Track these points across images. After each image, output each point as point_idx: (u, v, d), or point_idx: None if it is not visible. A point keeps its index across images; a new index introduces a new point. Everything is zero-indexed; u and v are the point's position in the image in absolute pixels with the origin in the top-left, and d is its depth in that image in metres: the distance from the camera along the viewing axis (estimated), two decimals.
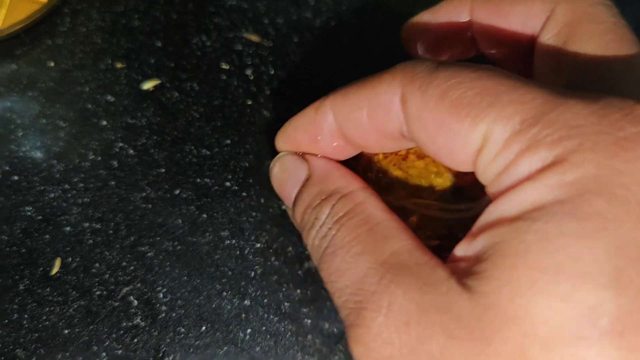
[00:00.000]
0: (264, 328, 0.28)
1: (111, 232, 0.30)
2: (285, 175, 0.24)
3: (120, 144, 0.32)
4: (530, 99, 0.16)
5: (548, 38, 0.22)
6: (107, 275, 0.29)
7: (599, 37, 0.20)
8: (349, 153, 0.24)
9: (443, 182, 0.28)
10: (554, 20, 0.22)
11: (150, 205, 0.31)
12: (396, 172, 0.28)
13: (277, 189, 0.25)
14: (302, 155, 0.24)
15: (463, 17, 0.25)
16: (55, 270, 0.29)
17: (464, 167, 0.19)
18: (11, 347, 0.27)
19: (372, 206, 0.21)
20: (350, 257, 0.20)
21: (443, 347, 0.16)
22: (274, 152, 0.32)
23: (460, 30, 0.26)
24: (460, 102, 0.17)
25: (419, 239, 0.21)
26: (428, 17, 0.27)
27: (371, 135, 0.21)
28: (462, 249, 0.18)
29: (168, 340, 0.27)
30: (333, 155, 0.24)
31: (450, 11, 0.26)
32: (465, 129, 0.17)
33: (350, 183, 0.22)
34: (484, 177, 0.18)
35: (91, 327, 0.27)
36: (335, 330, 0.28)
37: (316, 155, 0.24)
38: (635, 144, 0.15)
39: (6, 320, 0.27)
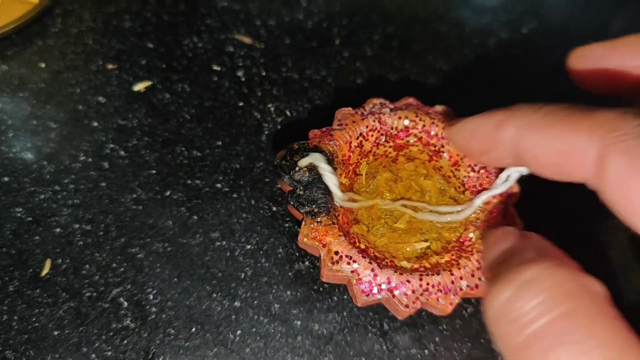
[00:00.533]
0: (253, 329, 0.28)
1: (101, 233, 0.30)
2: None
3: (111, 145, 0.32)
4: None
5: None
6: (97, 277, 0.29)
7: None
8: (511, 165, 0.24)
9: (432, 184, 0.29)
10: None
11: (140, 207, 0.31)
12: (386, 174, 0.29)
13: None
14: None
15: (638, 63, 0.23)
16: (45, 271, 0.29)
17: None
18: (0, 348, 0.27)
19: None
20: None
21: None
22: (265, 154, 0.32)
23: (634, 73, 0.24)
24: None
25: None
26: (604, 47, 0.24)
27: (551, 170, 0.21)
28: None
29: (158, 341, 0.27)
30: (498, 165, 0.25)
31: (626, 50, 0.24)
32: None
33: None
34: None
35: (81, 328, 0.27)
36: (325, 331, 0.28)
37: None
38: None
39: None
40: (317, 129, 0.28)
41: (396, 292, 0.25)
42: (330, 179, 0.27)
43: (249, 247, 0.30)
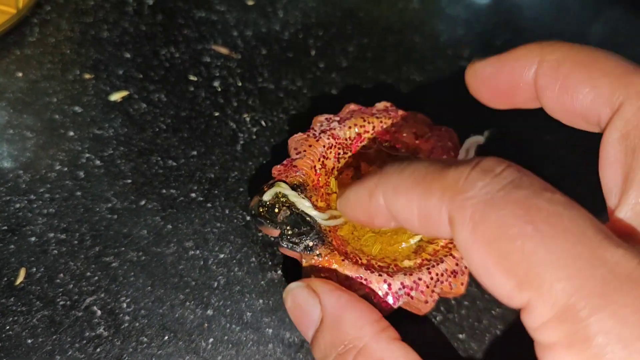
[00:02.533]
0: (226, 337, 0.28)
1: (76, 242, 0.30)
2: (298, 313, 0.24)
3: (87, 155, 0.33)
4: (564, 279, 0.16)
5: (615, 138, 0.20)
6: (71, 286, 0.29)
7: None
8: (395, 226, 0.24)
9: None
10: (622, 117, 0.20)
11: (115, 216, 0.31)
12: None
13: (293, 321, 0.25)
14: (314, 289, 0.24)
15: (527, 78, 0.24)
16: (19, 280, 0.29)
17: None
18: None
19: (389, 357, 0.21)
20: None
21: None
22: (240, 164, 0.33)
23: (525, 86, 0.24)
24: (508, 264, 0.17)
25: None
26: (495, 64, 0.25)
27: (425, 231, 0.21)
28: None
29: (131, 349, 0.28)
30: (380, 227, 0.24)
31: (514, 68, 0.24)
32: (509, 291, 0.17)
33: (365, 330, 0.22)
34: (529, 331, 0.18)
35: (54, 336, 0.28)
36: (296, 339, 0.29)
37: (329, 284, 0.24)
38: None
39: None
40: (279, 164, 0.28)
41: (413, 293, 0.26)
42: (302, 203, 0.27)
43: (222, 256, 0.30)
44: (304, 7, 0.40)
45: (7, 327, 0.28)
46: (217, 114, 0.35)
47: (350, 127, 0.30)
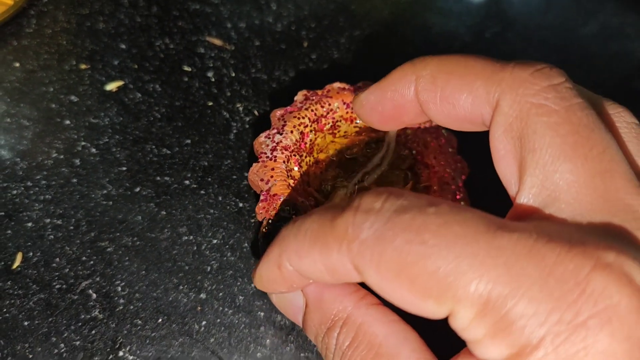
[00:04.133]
0: (218, 320, 0.29)
1: (72, 227, 0.31)
2: (284, 304, 0.25)
3: (83, 143, 0.33)
4: (487, 289, 0.16)
5: (500, 133, 0.21)
6: (67, 270, 0.29)
7: (552, 134, 0.20)
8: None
9: (357, 149, 0.31)
10: (501, 113, 0.21)
11: (111, 202, 0.32)
12: (331, 172, 0.31)
13: (283, 313, 0.26)
14: None
15: (409, 96, 0.25)
16: (16, 264, 0.29)
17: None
18: None
19: (372, 323, 0.21)
20: None
21: None
22: (233, 152, 0.33)
23: (409, 105, 0.25)
24: (419, 286, 0.17)
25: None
26: (376, 92, 0.26)
27: (338, 281, 0.21)
28: None
29: (125, 331, 0.28)
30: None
31: (395, 90, 0.25)
32: (433, 310, 0.17)
33: (345, 302, 0.22)
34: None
35: (50, 319, 0.28)
36: (287, 322, 0.29)
37: None
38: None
39: None
40: (259, 202, 0.28)
41: None
42: None
43: (215, 241, 0.31)
44: (297, 0, 0.41)
45: (4, 310, 0.28)
46: (210, 103, 0.36)
47: (292, 132, 0.30)
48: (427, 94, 0.24)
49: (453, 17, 0.42)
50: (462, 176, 0.30)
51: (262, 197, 0.28)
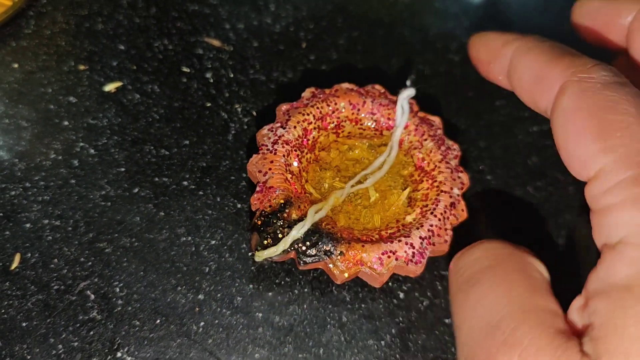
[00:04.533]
0: (216, 321, 0.29)
1: (70, 228, 0.31)
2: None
3: (81, 144, 0.33)
4: None
5: None
6: (65, 271, 0.29)
7: None
8: (505, 86, 0.28)
9: (359, 150, 0.32)
10: None
11: (109, 203, 0.32)
12: (328, 173, 0.30)
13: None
14: None
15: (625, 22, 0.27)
16: (14, 265, 0.29)
17: (576, 174, 0.21)
18: None
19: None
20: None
21: None
22: (231, 153, 0.33)
23: (619, 29, 0.27)
24: (605, 126, 0.19)
25: None
26: (599, 6, 0.29)
27: (525, 93, 0.25)
28: (577, 314, 0.19)
29: (123, 332, 0.28)
30: (492, 80, 0.29)
31: (619, 11, 0.27)
32: (594, 151, 0.19)
33: None
34: (589, 201, 0.20)
35: (48, 320, 0.28)
36: (285, 323, 0.29)
37: None
38: None
39: None
40: (255, 193, 0.28)
41: (433, 240, 0.28)
42: (298, 229, 0.27)
43: (213, 242, 0.31)
44: (295, 1, 0.41)
45: (2, 311, 0.28)
46: (209, 104, 0.36)
47: (295, 127, 0.30)
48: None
49: (451, 18, 0.42)
50: (461, 186, 0.30)
51: (257, 189, 0.28)
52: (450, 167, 0.31)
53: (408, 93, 0.31)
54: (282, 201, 0.27)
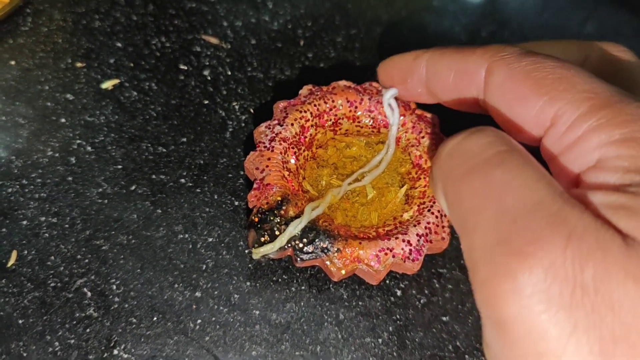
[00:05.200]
0: (213, 318, 0.29)
1: (67, 226, 0.31)
2: None
3: (79, 141, 0.33)
4: (600, 91, 0.20)
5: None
6: (62, 268, 0.29)
7: None
8: (425, 100, 0.29)
9: (356, 148, 0.32)
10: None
11: (106, 201, 0.32)
12: (325, 170, 0.30)
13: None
14: None
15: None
16: (11, 262, 0.29)
17: (527, 138, 0.23)
18: None
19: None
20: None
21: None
22: (229, 151, 0.33)
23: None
24: (541, 82, 0.21)
25: None
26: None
27: (450, 93, 0.26)
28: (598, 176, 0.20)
29: (120, 330, 0.28)
30: (411, 98, 0.30)
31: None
32: (541, 104, 0.21)
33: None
34: (551, 148, 0.22)
35: (45, 317, 0.28)
36: (282, 320, 0.29)
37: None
38: None
39: None
40: (252, 190, 0.28)
41: (430, 237, 0.28)
42: (295, 225, 0.27)
43: (210, 239, 0.31)
44: None
45: None
46: (206, 102, 0.36)
47: (292, 124, 0.30)
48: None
49: (449, 16, 0.42)
50: None
51: (255, 186, 0.28)
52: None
53: (391, 93, 0.31)
54: (279, 198, 0.27)
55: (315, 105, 0.31)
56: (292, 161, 0.29)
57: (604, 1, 0.45)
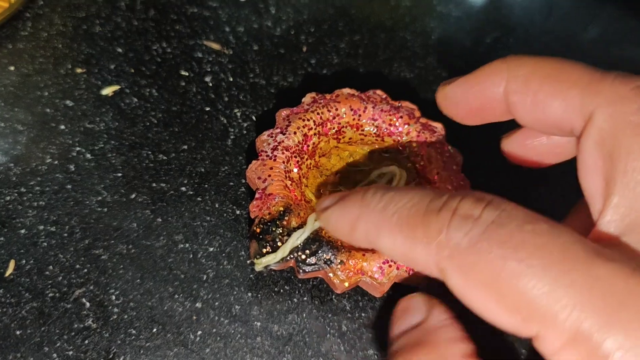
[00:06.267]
0: (214, 330, 0.29)
1: (66, 235, 0.30)
2: (401, 314, 0.24)
3: (78, 148, 0.33)
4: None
5: (591, 146, 0.21)
6: (61, 278, 0.29)
7: None
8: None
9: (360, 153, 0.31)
10: (595, 126, 0.21)
11: (105, 209, 0.31)
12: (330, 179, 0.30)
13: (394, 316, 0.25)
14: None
15: (497, 95, 0.24)
16: (9, 272, 0.29)
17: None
18: None
19: None
20: None
21: None
22: (230, 159, 0.33)
23: (496, 103, 0.25)
24: (508, 301, 0.17)
25: None
26: (463, 86, 0.26)
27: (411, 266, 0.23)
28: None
29: (119, 341, 0.28)
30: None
31: (485, 87, 0.25)
32: (516, 327, 0.18)
33: (450, 350, 0.21)
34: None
35: (43, 328, 0.28)
36: (284, 332, 0.29)
37: None
38: None
39: None
40: (254, 200, 0.28)
41: None
42: (298, 236, 0.27)
43: (211, 249, 0.31)
44: (296, 4, 0.41)
45: None
46: (208, 108, 0.35)
47: (295, 133, 0.30)
48: (518, 97, 0.23)
49: (453, 22, 0.42)
50: None
51: (257, 196, 0.28)
52: (452, 174, 0.30)
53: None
54: (281, 209, 0.27)
55: (318, 114, 0.30)
56: (295, 170, 0.29)
57: (609, 7, 0.44)
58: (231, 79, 0.37)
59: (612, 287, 0.16)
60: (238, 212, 0.32)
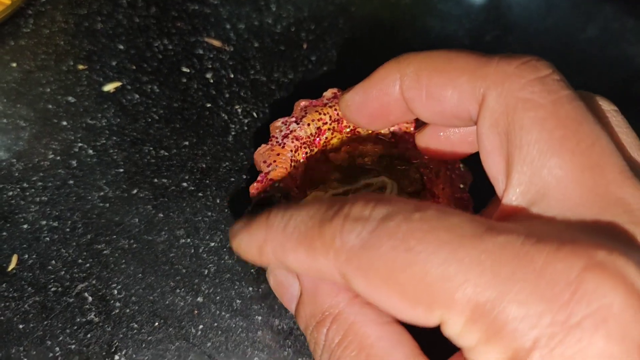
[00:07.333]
0: (215, 324, 0.29)
1: (68, 230, 0.30)
2: (280, 290, 0.24)
3: (80, 144, 0.33)
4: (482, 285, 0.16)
5: (487, 128, 0.21)
6: (63, 272, 0.29)
7: (539, 130, 0.20)
8: None
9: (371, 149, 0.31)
10: (487, 108, 0.21)
11: (107, 204, 0.31)
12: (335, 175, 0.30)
13: (278, 297, 0.25)
14: None
15: (394, 95, 0.24)
16: (11, 266, 0.29)
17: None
18: None
19: (364, 323, 0.21)
20: None
21: None
22: (231, 154, 0.33)
23: (395, 103, 0.25)
24: (408, 293, 0.17)
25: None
26: (361, 91, 0.26)
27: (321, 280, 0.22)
28: None
29: (121, 335, 0.28)
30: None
31: (380, 89, 0.25)
32: (423, 317, 0.17)
33: (339, 297, 0.22)
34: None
35: (45, 322, 0.28)
36: (285, 326, 0.29)
37: None
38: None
39: None
40: (255, 183, 0.28)
41: None
42: None
43: (213, 244, 0.31)
44: (297, 1, 0.41)
45: None
46: (209, 105, 0.35)
47: (309, 124, 0.30)
48: (412, 92, 0.23)
49: (453, 20, 0.42)
50: (466, 205, 0.29)
51: (259, 178, 0.28)
52: (456, 192, 0.30)
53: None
54: (279, 194, 0.27)
55: (335, 110, 0.30)
56: (302, 161, 0.29)
57: (608, 6, 0.44)
58: (232, 76, 0.37)
59: (501, 258, 0.16)
60: (239, 207, 0.32)
